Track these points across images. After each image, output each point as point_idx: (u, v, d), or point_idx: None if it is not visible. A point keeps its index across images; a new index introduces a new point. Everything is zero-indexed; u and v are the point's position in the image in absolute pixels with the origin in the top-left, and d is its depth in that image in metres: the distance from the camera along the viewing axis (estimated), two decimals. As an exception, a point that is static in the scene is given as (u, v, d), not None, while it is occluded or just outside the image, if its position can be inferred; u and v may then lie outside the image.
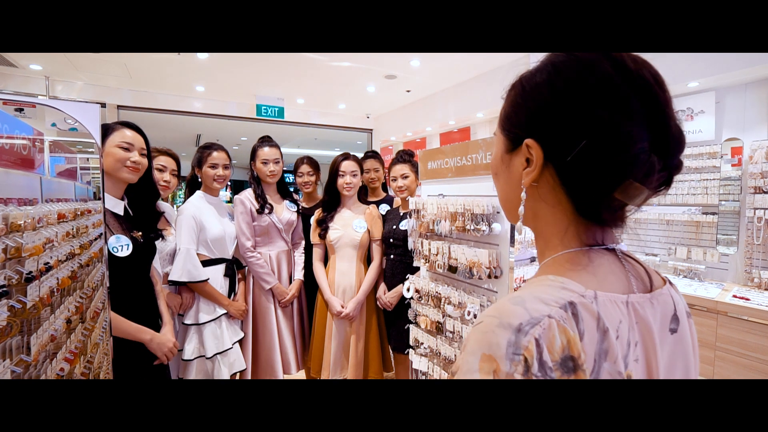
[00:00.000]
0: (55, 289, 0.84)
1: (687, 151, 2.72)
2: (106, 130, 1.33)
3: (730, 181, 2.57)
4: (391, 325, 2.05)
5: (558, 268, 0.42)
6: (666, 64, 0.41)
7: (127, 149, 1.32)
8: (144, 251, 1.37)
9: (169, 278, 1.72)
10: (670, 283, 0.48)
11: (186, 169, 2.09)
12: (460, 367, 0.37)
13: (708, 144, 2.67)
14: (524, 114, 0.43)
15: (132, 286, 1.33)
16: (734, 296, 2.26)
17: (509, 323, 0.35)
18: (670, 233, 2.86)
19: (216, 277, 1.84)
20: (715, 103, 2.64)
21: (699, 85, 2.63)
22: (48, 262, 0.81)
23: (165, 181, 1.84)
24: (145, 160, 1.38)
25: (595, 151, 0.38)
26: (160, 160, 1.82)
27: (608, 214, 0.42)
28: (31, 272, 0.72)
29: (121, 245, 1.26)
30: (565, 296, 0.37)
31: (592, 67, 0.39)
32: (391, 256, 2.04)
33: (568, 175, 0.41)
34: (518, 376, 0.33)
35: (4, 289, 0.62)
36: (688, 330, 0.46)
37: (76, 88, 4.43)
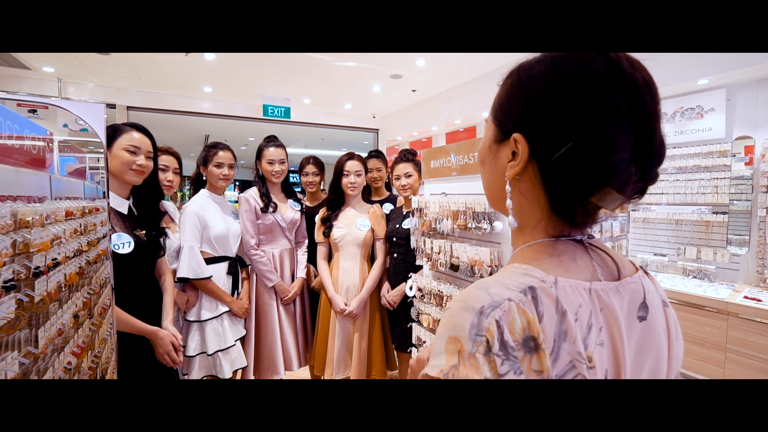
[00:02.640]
0: (62, 285, 0.86)
1: (696, 149, 2.69)
2: (115, 132, 1.36)
3: (741, 180, 2.52)
4: (395, 324, 2.05)
5: (524, 258, 0.44)
6: (675, 61, 0.42)
7: (133, 152, 1.34)
8: (147, 249, 1.39)
9: (177, 276, 1.75)
10: (645, 272, 0.49)
11: (189, 168, 2.12)
12: (431, 351, 0.39)
13: (718, 142, 2.62)
14: (517, 106, 0.43)
15: (135, 284, 1.36)
16: (745, 297, 2.21)
17: (472, 306, 0.37)
18: (678, 233, 2.82)
19: (219, 275, 1.86)
20: (726, 101, 2.59)
21: (709, 83, 2.58)
22: (56, 258, 0.83)
23: (168, 180, 1.87)
24: (150, 163, 1.40)
25: (579, 155, 0.39)
26: (162, 159, 1.85)
27: (581, 217, 0.43)
28: (38, 267, 0.74)
29: (123, 243, 1.29)
30: (526, 281, 0.39)
31: (585, 65, 0.39)
32: (395, 255, 2.05)
33: (550, 174, 0.42)
34: (480, 356, 0.35)
35: (12, 282, 0.64)
36: (662, 319, 0.47)
37: (88, 90, 4.52)
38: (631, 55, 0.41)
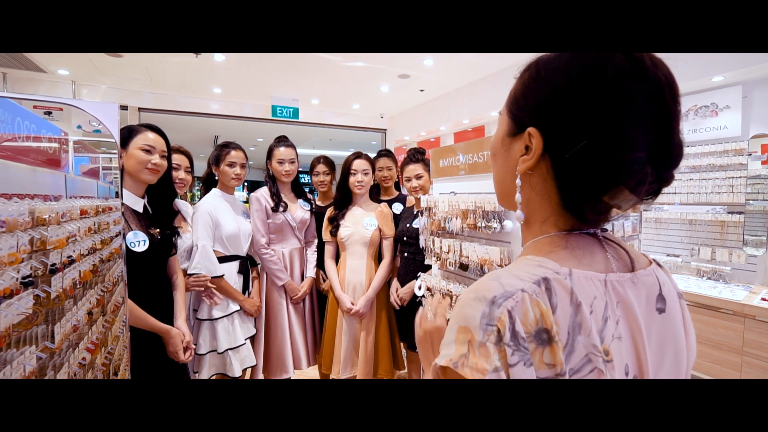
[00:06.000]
0: (77, 282, 0.88)
1: (711, 148, 2.63)
2: (130, 132, 1.38)
3: (758, 179, 2.46)
4: (406, 324, 2.04)
5: (538, 250, 0.43)
6: (689, 57, 0.40)
7: (148, 151, 1.37)
8: (160, 248, 1.42)
9: (188, 273, 1.77)
10: (658, 264, 0.48)
11: (200, 168, 2.15)
12: (442, 341, 0.38)
13: (734, 140, 2.56)
14: (533, 100, 0.43)
15: (148, 281, 1.38)
16: (763, 299, 2.16)
17: (484, 296, 0.37)
18: (692, 233, 2.76)
19: (230, 273, 1.88)
20: (742, 98, 2.53)
21: (724, 80, 2.53)
22: (71, 256, 0.84)
23: (180, 179, 1.89)
24: (165, 162, 1.43)
25: (594, 152, 0.38)
26: (174, 158, 1.86)
27: (593, 215, 0.43)
28: (55, 264, 0.75)
29: (138, 241, 1.31)
30: (540, 272, 0.38)
31: (607, 61, 0.38)
32: (405, 254, 2.04)
33: (563, 170, 0.41)
34: (490, 345, 0.34)
35: (30, 278, 0.66)
36: (678, 311, 0.46)
37: (101, 92, 4.61)
38: (654, 54, 0.40)
